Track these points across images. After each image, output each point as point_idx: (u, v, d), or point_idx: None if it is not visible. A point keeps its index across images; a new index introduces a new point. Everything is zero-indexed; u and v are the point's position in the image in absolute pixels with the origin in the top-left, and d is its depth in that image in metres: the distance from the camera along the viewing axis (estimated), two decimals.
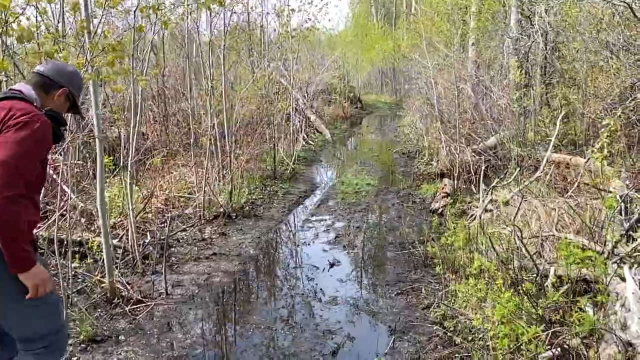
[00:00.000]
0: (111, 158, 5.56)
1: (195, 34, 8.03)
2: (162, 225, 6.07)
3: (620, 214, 4.51)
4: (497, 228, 4.85)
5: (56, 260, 4.03)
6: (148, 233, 5.70)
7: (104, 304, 4.30)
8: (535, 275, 3.71)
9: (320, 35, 21.50)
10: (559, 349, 2.90)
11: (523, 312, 2.82)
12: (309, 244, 6.04)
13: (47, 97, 2.39)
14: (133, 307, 4.25)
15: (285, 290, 4.85)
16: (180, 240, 5.89)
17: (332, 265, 5.33)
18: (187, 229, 6.24)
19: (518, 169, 6.26)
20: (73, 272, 4.55)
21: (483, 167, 6.60)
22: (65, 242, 4.59)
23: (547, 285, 3.69)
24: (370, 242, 6.14)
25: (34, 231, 2.36)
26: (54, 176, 5.05)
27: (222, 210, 6.67)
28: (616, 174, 5.69)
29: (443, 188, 7.46)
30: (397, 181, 9.32)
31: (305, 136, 13.33)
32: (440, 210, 6.83)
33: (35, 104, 2.29)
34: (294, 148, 10.64)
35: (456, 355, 3.39)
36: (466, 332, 3.52)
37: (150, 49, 5.91)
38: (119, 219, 5.95)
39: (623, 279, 3.28)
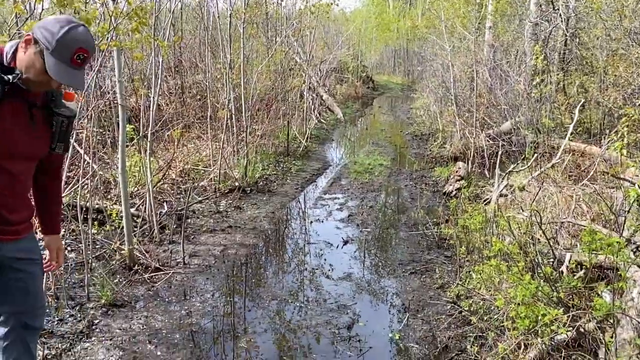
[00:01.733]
0: (132, 127, 5.59)
1: (214, 5, 7.97)
2: (179, 196, 6.13)
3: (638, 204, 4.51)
4: (513, 212, 4.87)
5: (79, 226, 4.11)
6: (165, 203, 5.77)
7: (122, 271, 4.38)
8: (552, 260, 3.74)
9: (335, 13, 21.25)
10: (574, 332, 2.94)
11: (542, 294, 2.86)
12: (322, 221, 6.10)
13: (20, 46, 1.91)
14: (151, 274, 4.33)
15: (300, 265, 4.92)
16: (196, 212, 5.95)
17: (345, 242, 5.39)
18: (203, 201, 6.30)
19: (535, 155, 6.24)
20: (92, 239, 4.63)
21: (499, 152, 6.58)
22: (83, 209, 4.66)
23: (562, 271, 3.73)
24: (383, 221, 6.19)
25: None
26: (74, 143, 5.10)
27: (237, 184, 6.72)
28: (634, 163, 5.67)
29: (457, 171, 7.46)
30: (409, 163, 9.32)
31: (318, 114, 13.29)
32: (453, 193, 6.84)
33: None
34: (306, 126, 10.63)
35: (470, 334, 3.45)
36: (481, 312, 3.58)
37: (171, 19, 5.89)
38: (136, 189, 6.02)
39: None
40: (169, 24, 5.81)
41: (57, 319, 3.58)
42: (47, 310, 3.61)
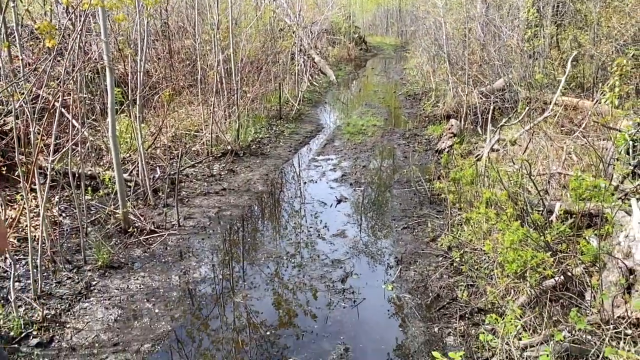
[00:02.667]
0: (120, 90, 5.51)
1: None
2: (171, 160, 6.12)
3: (628, 154, 4.55)
4: (504, 166, 4.90)
5: (72, 192, 4.12)
6: (157, 168, 5.76)
7: (118, 234, 4.42)
8: (541, 210, 3.79)
9: None
10: (562, 276, 3.01)
11: (530, 240, 2.91)
12: (316, 182, 6.12)
13: None
14: (147, 237, 4.37)
15: (294, 224, 4.97)
16: (190, 176, 5.96)
17: (339, 201, 5.43)
18: (196, 165, 6.30)
19: (526, 108, 6.23)
20: (86, 204, 4.65)
21: (492, 109, 6.55)
22: (76, 175, 4.66)
23: (551, 220, 3.79)
24: (377, 180, 6.22)
25: None
26: (63, 110, 5.04)
27: (229, 147, 6.70)
28: (625, 114, 5.68)
29: (449, 129, 7.45)
30: (402, 122, 9.30)
31: (310, 77, 13.13)
32: (446, 150, 6.85)
33: None
34: (298, 89, 10.53)
35: (461, 283, 3.53)
36: (471, 262, 3.64)
37: None
38: (128, 155, 6.00)
39: (628, 213, 3.36)
40: None
41: (54, 281, 3.63)
42: (45, 274, 3.66)
